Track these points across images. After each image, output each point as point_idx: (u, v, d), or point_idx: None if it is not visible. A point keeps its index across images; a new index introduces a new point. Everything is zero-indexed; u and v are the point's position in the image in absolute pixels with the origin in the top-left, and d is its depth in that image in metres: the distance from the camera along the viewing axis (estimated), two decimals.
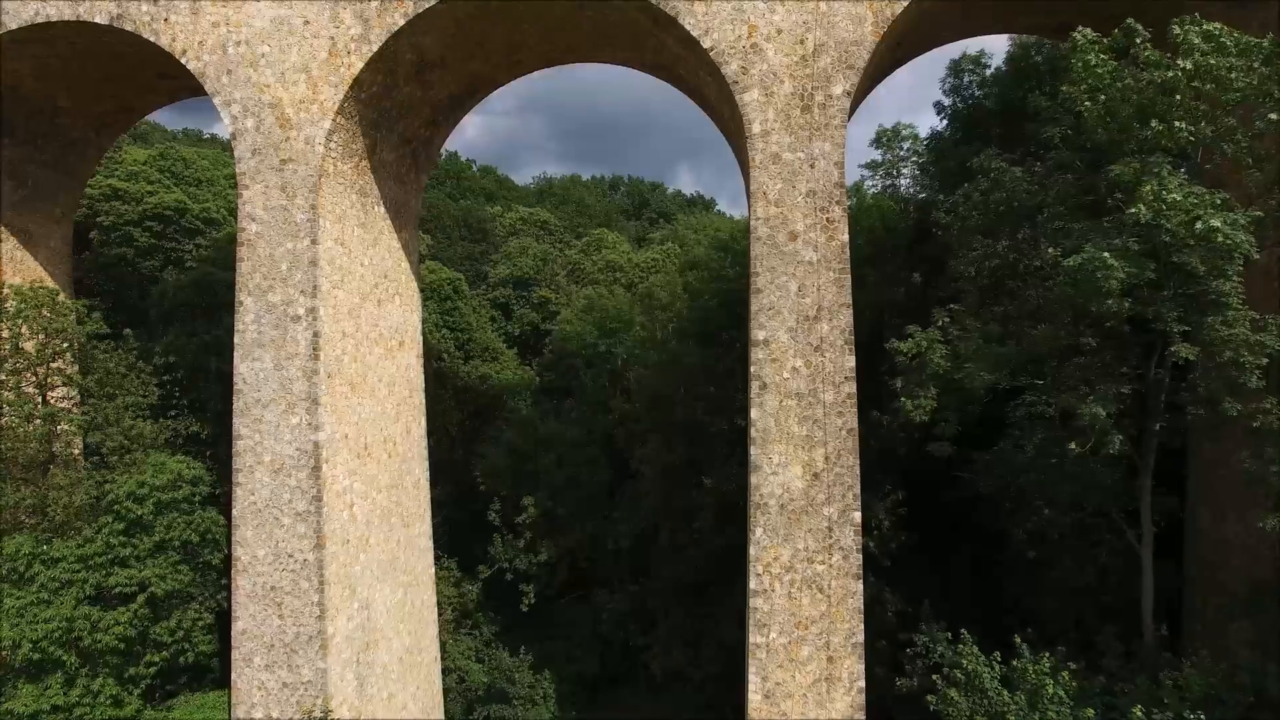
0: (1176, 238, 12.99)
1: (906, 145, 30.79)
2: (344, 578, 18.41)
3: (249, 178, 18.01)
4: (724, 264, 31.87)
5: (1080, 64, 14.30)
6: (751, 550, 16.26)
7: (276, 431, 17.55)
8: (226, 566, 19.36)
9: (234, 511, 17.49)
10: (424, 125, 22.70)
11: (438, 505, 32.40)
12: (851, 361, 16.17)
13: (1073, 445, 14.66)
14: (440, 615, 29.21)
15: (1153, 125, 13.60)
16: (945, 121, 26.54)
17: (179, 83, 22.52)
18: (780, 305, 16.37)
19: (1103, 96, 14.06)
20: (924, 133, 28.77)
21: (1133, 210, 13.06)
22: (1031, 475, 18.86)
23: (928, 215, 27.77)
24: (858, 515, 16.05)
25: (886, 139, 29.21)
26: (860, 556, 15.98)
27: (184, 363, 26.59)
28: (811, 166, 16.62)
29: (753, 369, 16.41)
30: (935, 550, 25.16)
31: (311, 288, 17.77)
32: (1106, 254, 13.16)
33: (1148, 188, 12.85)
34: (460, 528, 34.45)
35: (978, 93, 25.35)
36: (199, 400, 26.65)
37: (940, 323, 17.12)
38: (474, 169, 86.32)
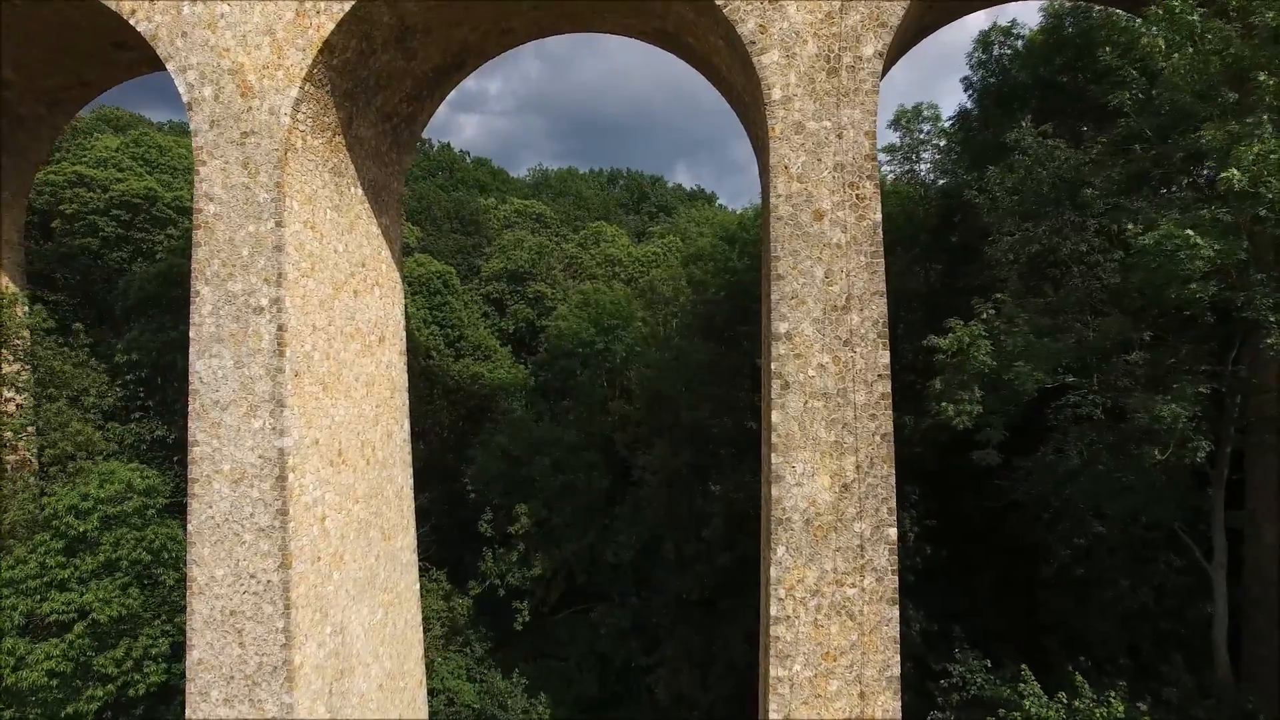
0: (1278, 209, 11.31)
1: (927, 127, 29.11)
2: (314, 600, 16.71)
3: (206, 153, 16.33)
4: (730, 255, 30.20)
5: (1164, 10, 12.54)
6: (773, 572, 14.58)
7: (236, 437, 15.87)
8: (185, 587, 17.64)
9: (189, 527, 15.83)
10: (406, 100, 21.00)
11: (426, 513, 30.73)
12: (886, 357, 14.52)
13: (1155, 452, 12.91)
14: (428, 631, 27.56)
15: (1259, 79, 11.81)
16: (972, 98, 24.84)
17: (138, 54, 20.86)
18: (804, 293, 14.70)
19: (1190, 49, 12.34)
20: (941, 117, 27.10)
21: (1225, 175, 11.36)
22: (1080, 484, 17.26)
23: (952, 201, 26.14)
24: (893, 532, 14.39)
25: (906, 120, 27.60)
26: (896, 579, 14.34)
27: (149, 361, 24.90)
28: (839, 137, 14.95)
29: (773, 366, 14.73)
30: (961, 563, 23.55)
31: (276, 275, 16.07)
32: (1190, 231, 11.47)
33: (1249, 149, 11.14)
34: (450, 536, 32.82)
35: (1009, 66, 23.65)
36: (166, 402, 24.96)
37: (984, 315, 15.41)
38: (467, 160, 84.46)
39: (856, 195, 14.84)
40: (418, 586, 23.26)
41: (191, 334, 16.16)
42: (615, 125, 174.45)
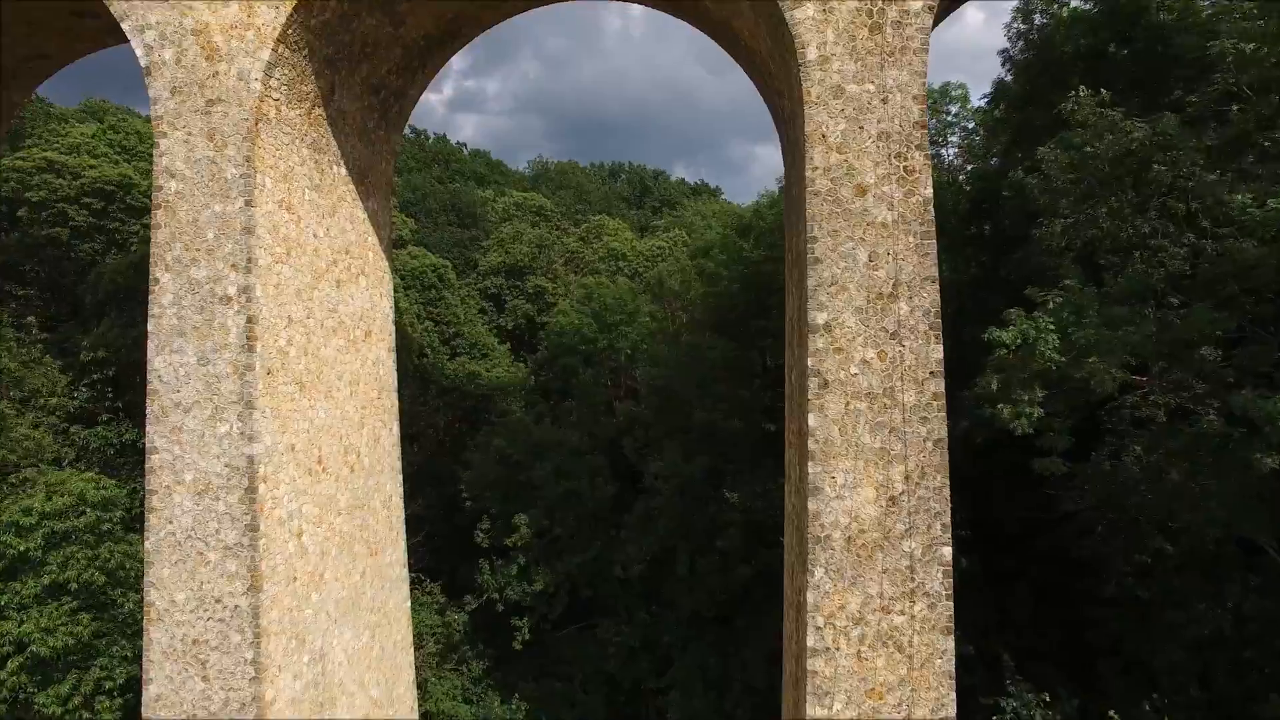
0: None
1: (955, 108, 27.55)
2: (289, 625, 15.10)
3: (167, 123, 14.74)
4: (744, 245, 28.57)
5: None
6: (810, 597, 12.97)
7: (200, 443, 14.28)
8: None
9: (146, 545, 14.26)
10: (395, 71, 19.37)
11: (419, 521, 29.13)
12: (939, 352, 12.94)
13: (1269, 460, 11.28)
14: (421, 648, 25.97)
15: None
16: (1010, 72, 23.20)
17: (102, 21, 19.17)
18: (846, 279, 13.09)
19: None
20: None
21: None
22: (1141, 493, 15.67)
23: (987, 185, 24.57)
24: (948, 551, 12.80)
25: (933, 101, 26.04)
26: (951, 605, 12.75)
27: (118, 359, 23.30)
28: (884, 101, 13.35)
29: (810, 362, 13.12)
30: (991, 575, 21.99)
31: (245, 261, 14.48)
32: None
33: None
34: (445, 545, 31.23)
35: (1052, 35, 22.00)
36: (137, 404, 23.34)
37: (1051, 304, 13.76)
38: (464, 152, 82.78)
39: (904, 168, 13.23)
40: (409, 604, 21.67)
41: (150, 327, 14.56)
42: (614, 125, 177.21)
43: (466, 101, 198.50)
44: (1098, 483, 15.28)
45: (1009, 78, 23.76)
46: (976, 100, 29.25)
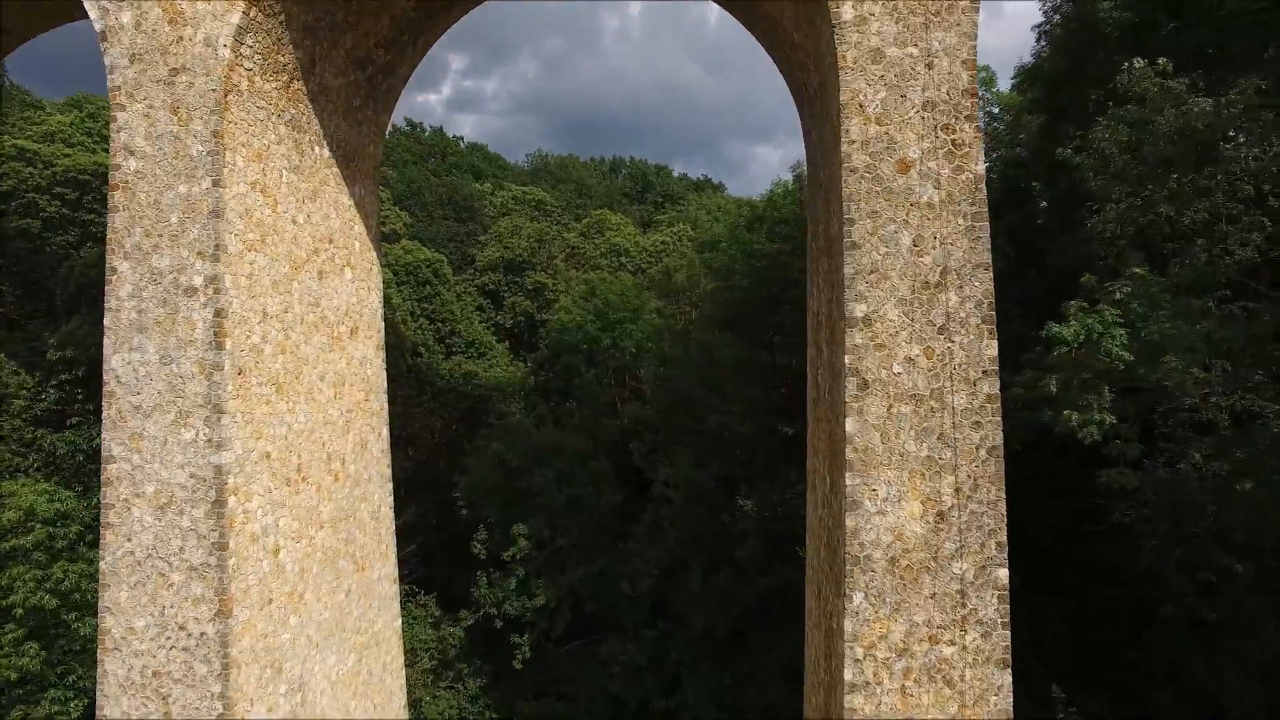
0: None
1: (980, 92, 26.19)
2: (263, 653, 13.77)
3: (125, 95, 13.42)
4: (758, 237, 27.22)
5: None
6: (847, 625, 11.65)
7: (163, 451, 12.95)
8: None
9: (102, 565, 12.97)
10: (383, 44, 18.04)
11: (412, 530, 27.84)
12: (993, 348, 11.64)
13: None
14: (414, 665, 24.64)
15: None
16: (1045, 47, 21.85)
17: None
18: (887, 266, 11.76)
19: None
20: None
21: None
22: (1207, 504, 14.36)
23: (1014, 173, 23.29)
24: (1003, 573, 11.49)
25: None
26: (1008, 634, 11.47)
27: (89, 358, 21.98)
28: (928, 67, 12.03)
29: (847, 360, 11.80)
30: (1024, 590, 20.66)
31: (213, 248, 13.15)
32: None
33: None
34: (441, 554, 29.93)
35: (1094, 9, 20.65)
36: None
37: (1118, 295, 12.41)
38: (461, 145, 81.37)
39: (952, 141, 11.90)
40: (399, 622, 20.34)
41: (107, 322, 13.24)
42: (612, 125, 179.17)
43: (465, 101, 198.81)
44: (1160, 492, 13.96)
45: (1036, 58, 22.44)
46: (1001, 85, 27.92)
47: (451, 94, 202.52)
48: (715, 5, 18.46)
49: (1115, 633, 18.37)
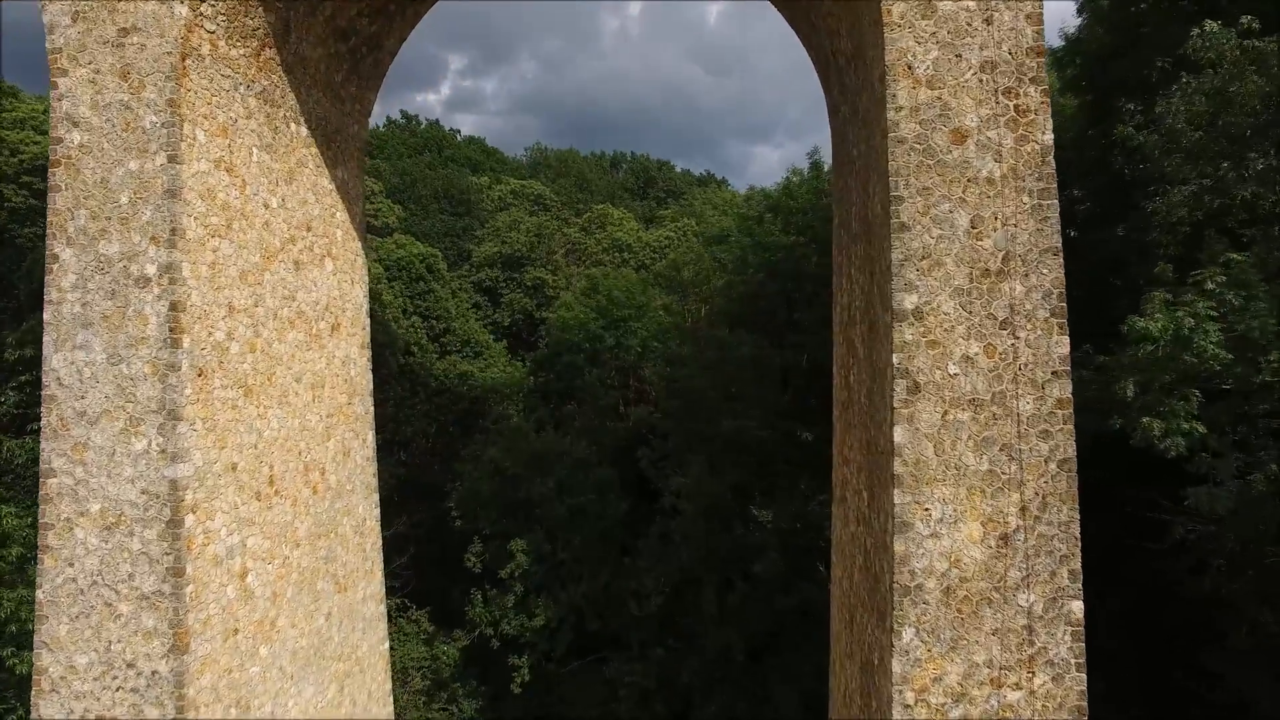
0: None
1: None
2: (226, 691, 12.35)
3: (68, 58, 12.01)
4: (774, 228, 25.79)
5: None
6: (895, 665, 10.22)
7: (110, 464, 11.53)
8: None
9: (39, 594, 11.58)
10: (368, 13, 16.62)
11: (403, 540, 26.47)
12: (1064, 345, 10.24)
13: None
14: (406, 685, 23.21)
15: None
16: (1086, 18, 20.39)
17: None
18: (941, 252, 10.34)
19: None
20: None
21: None
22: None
23: (1065, 155, 21.76)
24: (1078, 606, 10.08)
25: None
26: (1083, 677, 10.04)
27: None
28: (988, 22, 10.64)
29: (895, 359, 10.37)
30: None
31: (169, 232, 11.75)
32: None
33: None
34: (434, 567, 28.53)
35: None
36: None
37: (1210, 284, 10.93)
38: (458, 138, 79.90)
39: (1015, 107, 10.48)
40: (386, 646, 18.93)
41: (47, 316, 11.81)
42: (612, 125, 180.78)
43: (464, 102, 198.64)
44: (1240, 507, 12.52)
45: (1077, 31, 20.97)
46: None
47: (450, 94, 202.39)
48: (715, 5, 16.95)
49: (1174, 661, 16.97)
